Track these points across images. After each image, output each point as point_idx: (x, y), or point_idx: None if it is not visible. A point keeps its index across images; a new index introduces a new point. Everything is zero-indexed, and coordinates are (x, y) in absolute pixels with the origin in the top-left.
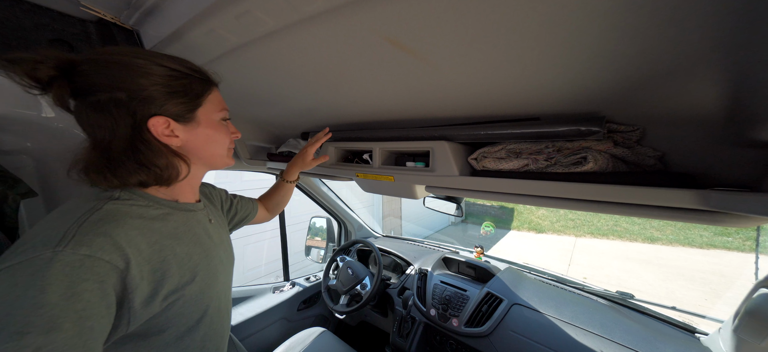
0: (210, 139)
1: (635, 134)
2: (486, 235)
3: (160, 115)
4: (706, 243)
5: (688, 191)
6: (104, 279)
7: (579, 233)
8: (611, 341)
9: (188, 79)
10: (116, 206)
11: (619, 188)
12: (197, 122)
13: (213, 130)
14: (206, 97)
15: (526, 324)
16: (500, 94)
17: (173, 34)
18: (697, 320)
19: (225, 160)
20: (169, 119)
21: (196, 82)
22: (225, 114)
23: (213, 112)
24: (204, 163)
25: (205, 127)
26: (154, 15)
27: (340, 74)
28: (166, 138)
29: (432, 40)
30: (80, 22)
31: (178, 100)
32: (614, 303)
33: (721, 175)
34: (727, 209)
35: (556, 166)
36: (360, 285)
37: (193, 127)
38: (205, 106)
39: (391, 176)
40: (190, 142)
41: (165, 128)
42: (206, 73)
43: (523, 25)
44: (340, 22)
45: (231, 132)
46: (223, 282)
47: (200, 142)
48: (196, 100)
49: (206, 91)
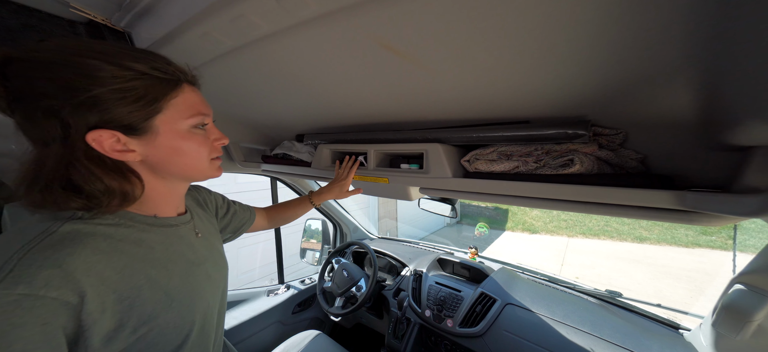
0: (177, 151)
1: (619, 137)
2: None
3: (104, 129)
4: (691, 242)
5: (666, 192)
6: (47, 320)
7: (571, 233)
8: (601, 339)
9: (144, 80)
10: (76, 227)
11: (603, 189)
12: (155, 133)
13: (179, 141)
14: (168, 102)
15: (519, 324)
16: (491, 98)
17: (166, 37)
18: (681, 316)
19: (206, 172)
20: (117, 133)
21: (156, 84)
22: (198, 120)
23: (178, 119)
24: (179, 178)
25: (167, 137)
26: (146, 17)
27: (335, 77)
28: (119, 154)
29: (425, 45)
30: (69, 23)
31: (126, 108)
32: (604, 301)
33: (698, 176)
34: (701, 209)
35: (545, 168)
36: (355, 287)
37: (150, 138)
38: (168, 113)
39: (385, 178)
40: (152, 155)
41: (115, 143)
42: (174, 71)
43: (512, 33)
44: (335, 26)
45: (213, 139)
46: (211, 298)
47: (165, 155)
48: (151, 107)
49: (168, 94)
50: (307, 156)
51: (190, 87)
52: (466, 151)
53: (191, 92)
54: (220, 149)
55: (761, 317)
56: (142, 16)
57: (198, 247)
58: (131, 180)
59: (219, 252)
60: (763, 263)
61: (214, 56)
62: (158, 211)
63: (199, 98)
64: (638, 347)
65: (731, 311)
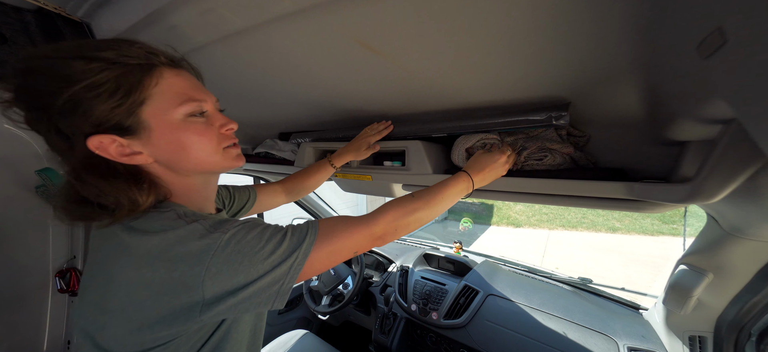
0: (178, 145)
1: (583, 140)
2: (465, 230)
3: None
4: (656, 230)
5: (618, 183)
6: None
7: (552, 226)
8: (572, 323)
9: (114, 69)
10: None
11: (569, 182)
12: (148, 129)
13: (176, 133)
14: (150, 89)
15: (500, 313)
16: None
17: (131, 29)
18: (642, 297)
19: (220, 164)
20: (114, 136)
21: (127, 72)
22: (191, 107)
23: (168, 108)
24: (197, 173)
25: (162, 132)
26: (107, 6)
27: (315, 74)
28: (128, 158)
29: (399, 42)
30: (15, 10)
31: (105, 105)
32: (576, 288)
33: (647, 169)
34: (647, 198)
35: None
36: (342, 285)
37: (146, 136)
38: (153, 103)
39: (369, 176)
40: (159, 154)
41: (118, 147)
42: (147, 55)
43: (480, 33)
44: (311, 23)
45: (219, 125)
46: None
47: (169, 152)
48: (129, 98)
49: (145, 80)
50: (290, 155)
51: (174, 70)
52: (448, 147)
53: (176, 77)
54: (232, 136)
55: (699, 292)
56: (103, 5)
57: None
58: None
59: None
60: (700, 244)
61: (186, 51)
62: (203, 209)
63: (188, 83)
64: (604, 328)
65: (676, 289)
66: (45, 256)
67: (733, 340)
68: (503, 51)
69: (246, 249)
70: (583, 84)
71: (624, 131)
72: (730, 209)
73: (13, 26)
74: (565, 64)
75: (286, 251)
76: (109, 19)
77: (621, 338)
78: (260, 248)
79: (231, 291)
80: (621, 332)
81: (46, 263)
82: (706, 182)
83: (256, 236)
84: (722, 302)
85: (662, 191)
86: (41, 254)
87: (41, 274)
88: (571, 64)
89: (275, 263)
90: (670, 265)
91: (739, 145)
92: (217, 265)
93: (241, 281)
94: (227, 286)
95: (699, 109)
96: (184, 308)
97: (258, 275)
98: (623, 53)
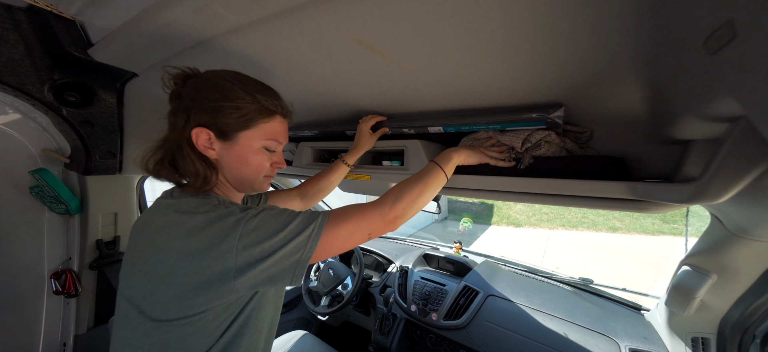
0: (241, 160)
1: (585, 136)
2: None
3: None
4: (656, 230)
5: (621, 183)
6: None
7: (552, 225)
8: (573, 324)
9: (253, 105)
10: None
11: (569, 182)
12: (235, 142)
13: (248, 153)
14: (259, 125)
15: (500, 314)
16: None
17: (124, 27)
18: (643, 298)
19: (255, 186)
20: (211, 133)
21: (259, 110)
22: (271, 144)
23: (257, 138)
24: (236, 182)
25: (242, 148)
26: (99, 3)
27: (313, 73)
28: (205, 149)
29: (396, 40)
30: (6, 8)
31: (230, 119)
32: (577, 288)
33: (649, 168)
34: (649, 198)
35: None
36: (341, 285)
37: (229, 145)
38: (252, 131)
39: (367, 176)
40: (223, 158)
41: (206, 140)
42: (276, 106)
43: (479, 30)
44: (307, 21)
45: (274, 161)
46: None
47: (231, 161)
48: (245, 124)
49: (260, 119)
50: (288, 154)
51: (281, 118)
52: (447, 146)
53: (279, 123)
54: (275, 172)
55: (702, 293)
56: (95, 2)
57: None
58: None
59: None
60: (704, 245)
61: (181, 49)
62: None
63: (283, 129)
64: (606, 329)
65: (678, 290)
66: (40, 258)
67: (737, 342)
68: (502, 46)
69: (271, 222)
70: (583, 82)
71: (625, 130)
72: (736, 209)
73: (4, 24)
74: (564, 61)
75: (303, 223)
76: (102, 17)
77: (622, 339)
78: (282, 221)
79: (259, 259)
80: (622, 333)
81: (41, 264)
82: (712, 182)
83: (278, 213)
84: (726, 303)
85: (666, 191)
86: (36, 256)
87: (36, 276)
88: (570, 62)
89: (295, 232)
90: (672, 265)
91: (746, 144)
92: (248, 234)
93: (266, 250)
94: (256, 253)
95: (704, 107)
96: (220, 273)
97: (281, 244)
98: (625, 50)
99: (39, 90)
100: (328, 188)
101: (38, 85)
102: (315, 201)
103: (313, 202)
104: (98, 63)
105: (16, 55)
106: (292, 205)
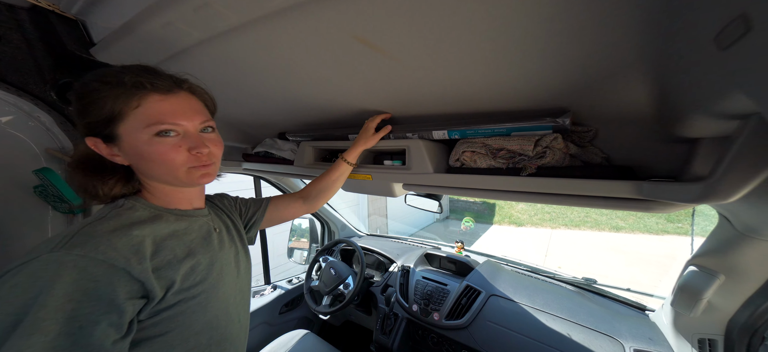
0: (143, 158)
1: (589, 135)
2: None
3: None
4: (661, 229)
5: (626, 182)
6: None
7: (554, 225)
8: (576, 324)
9: (102, 91)
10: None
11: (574, 181)
12: (120, 140)
13: (142, 147)
14: (129, 112)
15: (502, 314)
16: (470, 92)
17: (125, 26)
18: (647, 298)
19: (182, 180)
20: (97, 139)
21: (113, 94)
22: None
23: (138, 128)
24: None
25: (131, 145)
26: (100, 3)
27: (313, 72)
28: (112, 157)
29: (398, 39)
30: (8, 8)
31: (88, 119)
32: (581, 288)
33: (655, 167)
34: (656, 198)
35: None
36: (343, 285)
37: (119, 146)
38: (128, 122)
39: (369, 175)
40: (131, 161)
41: (104, 149)
42: (139, 82)
43: (482, 29)
44: (307, 19)
45: (191, 147)
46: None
47: (137, 161)
48: (109, 115)
49: (124, 104)
50: (290, 154)
51: (160, 95)
52: (451, 147)
53: (159, 101)
54: (204, 159)
55: (710, 294)
56: (96, 2)
57: (215, 240)
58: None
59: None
60: (711, 245)
61: (182, 48)
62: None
63: (170, 107)
64: (610, 330)
65: (685, 290)
66: None
67: (746, 344)
68: (506, 44)
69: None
70: (588, 80)
71: (630, 128)
72: (745, 208)
73: (7, 24)
74: (569, 59)
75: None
76: (103, 16)
77: (627, 340)
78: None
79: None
80: (627, 334)
81: None
82: (722, 181)
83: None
84: (734, 304)
85: (673, 191)
86: None
87: None
88: (576, 59)
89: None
90: (677, 264)
91: (759, 142)
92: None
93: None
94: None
95: (714, 104)
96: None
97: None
98: (631, 47)
99: (42, 89)
100: (331, 188)
101: (41, 84)
102: (319, 202)
103: (318, 203)
104: (100, 62)
105: (19, 54)
106: (295, 208)
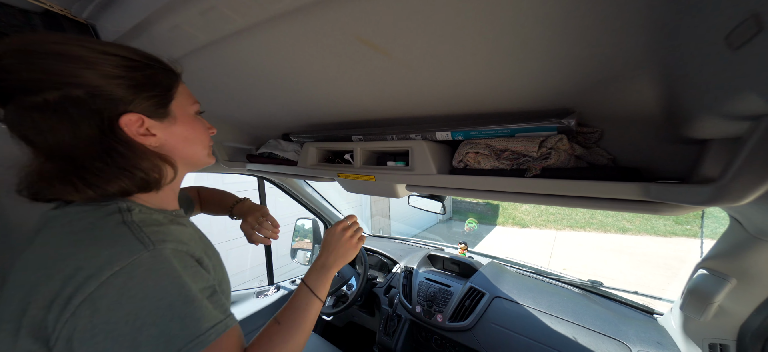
0: (188, 137)
1: (595, 135)
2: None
3: (132, 113)
4: (668, 231)
5: (633, 184)
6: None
7: (559, 226)
8: (582, 327)
9: (150, 69)
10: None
11: (579, 182)
12: (173, 118)
13: (191, 126)
14: (176, 90)
15: (506, 316)
16: (474, 93)
17: (134, 29)
18: (655, 302)
19: (206, 159)
20: (143, 116)
21: (160, 72)
22: (198, 107)
23: (187, 105)
24: (185, 164)
25: (182, 123)
26: (110, 7)
27: (317, 74)
28: (142, 138)
29: (402, 40)
30: (22, 12)
31: (147, 93)
32: (586, 291)
33: (663, 169)
34: (664, 199)
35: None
36: (346, 285)
37: (169, 123)
38: (178, 100)
39: (372, 176)
40: (169, 141)
41: (139, 127)
42: (166, 63)
43: (486, 29)
44: (311, 21)
45: (207, 127)
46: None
47: (179, 141)
48: (167, 93)
49: (174, 82)
50: (294, 155)
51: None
52: (455, 147)
53: (183, 83)
54: (211, 139)
55: (721, 298)
56: (106, 7)
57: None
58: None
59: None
60: (722, 248)
61: (190, 50)
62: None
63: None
64: (616, 334)
65: (695, 294)
66: None
67: (759, 349)
68: (511, 44)
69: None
70: (594, 81)
71: (637, 129)
72: (757, 210)
73: (21, 28)
74: (574, 59)
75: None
76: (113, 20)
77: (634, 344)
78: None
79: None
80: (634, 338)
81: None
82: (733, 183)
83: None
84: (747, 309)
85: (682, 193)
86: None
87: None
88: (581, 60)
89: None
90: (685, 267)
91: None
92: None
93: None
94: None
95: (725, 105)
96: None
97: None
98: (639, 47)
99: None
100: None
101: None
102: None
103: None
104: None
105: None
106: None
